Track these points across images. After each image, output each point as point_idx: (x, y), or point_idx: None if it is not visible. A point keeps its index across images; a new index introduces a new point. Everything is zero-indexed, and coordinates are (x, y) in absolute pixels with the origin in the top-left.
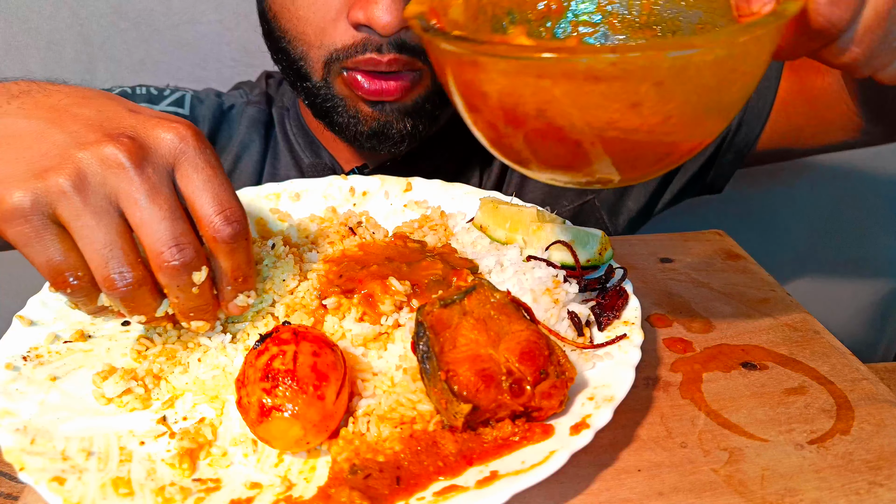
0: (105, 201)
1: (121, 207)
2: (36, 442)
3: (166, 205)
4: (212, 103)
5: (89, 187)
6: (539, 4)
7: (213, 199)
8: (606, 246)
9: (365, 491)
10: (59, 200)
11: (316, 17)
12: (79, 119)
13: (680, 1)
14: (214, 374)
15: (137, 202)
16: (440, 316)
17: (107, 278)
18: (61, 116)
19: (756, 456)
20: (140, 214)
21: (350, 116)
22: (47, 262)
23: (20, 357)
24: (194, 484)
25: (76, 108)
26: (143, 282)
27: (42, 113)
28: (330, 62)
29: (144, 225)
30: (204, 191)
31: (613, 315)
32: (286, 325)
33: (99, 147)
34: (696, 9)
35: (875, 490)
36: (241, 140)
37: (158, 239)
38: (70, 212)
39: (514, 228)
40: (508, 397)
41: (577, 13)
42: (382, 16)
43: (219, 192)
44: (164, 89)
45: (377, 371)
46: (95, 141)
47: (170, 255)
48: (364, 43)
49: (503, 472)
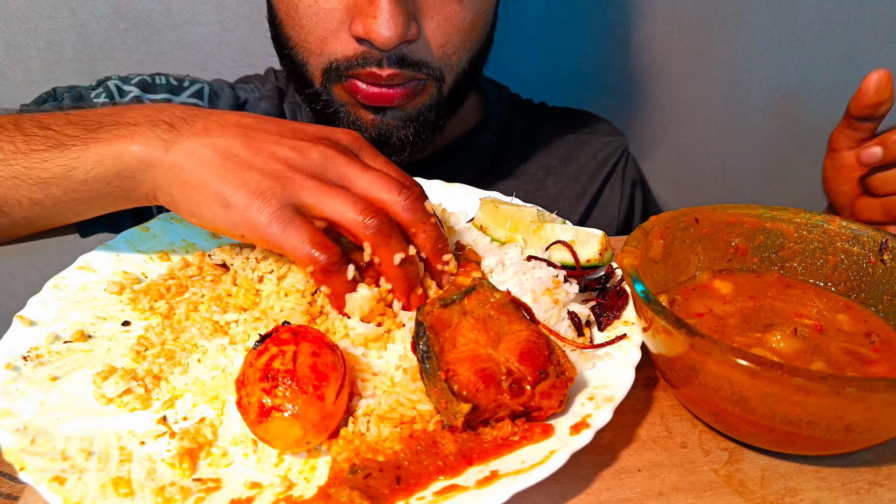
0: (332, 183)
1: (345, 184)
2: (36, 442)
3: (378, 171)
4: (228, 96)
5: (318, 176)
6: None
7: (395, 171)
8: (607, 246)
9: (365, 490)
10: (302, 191)
11: (318, 27)
12: (270, 132)
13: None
14: (214, 374)
15: (357, 175)
16: (440, 316)
17: (359, 222)
18: (255, 131)
19: (756, 456)
20: (364, 180)
21: (350, 122)
22: (301, 242)
23: (20, 357)
24: (194, 484)
25: (261, 125)
26: (390, 222)
27: (236, 132)
28: (329, 71)
29: (372, 185)
30: (388, 168)
31: (613, 315)
32: (286, 325)
33: (312, 149)
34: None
35: (875, 490)
36: None
37: (390, 188)
38: (312, 194)
39: (515, 228)
40: (508, 397)
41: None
42: (382, 31)
43: (397, 169)
44: (182, 80)
45: (377, 371)
46: (306, 146)
47: (404, 196)
48: (364, 56)
49: (503, 471)
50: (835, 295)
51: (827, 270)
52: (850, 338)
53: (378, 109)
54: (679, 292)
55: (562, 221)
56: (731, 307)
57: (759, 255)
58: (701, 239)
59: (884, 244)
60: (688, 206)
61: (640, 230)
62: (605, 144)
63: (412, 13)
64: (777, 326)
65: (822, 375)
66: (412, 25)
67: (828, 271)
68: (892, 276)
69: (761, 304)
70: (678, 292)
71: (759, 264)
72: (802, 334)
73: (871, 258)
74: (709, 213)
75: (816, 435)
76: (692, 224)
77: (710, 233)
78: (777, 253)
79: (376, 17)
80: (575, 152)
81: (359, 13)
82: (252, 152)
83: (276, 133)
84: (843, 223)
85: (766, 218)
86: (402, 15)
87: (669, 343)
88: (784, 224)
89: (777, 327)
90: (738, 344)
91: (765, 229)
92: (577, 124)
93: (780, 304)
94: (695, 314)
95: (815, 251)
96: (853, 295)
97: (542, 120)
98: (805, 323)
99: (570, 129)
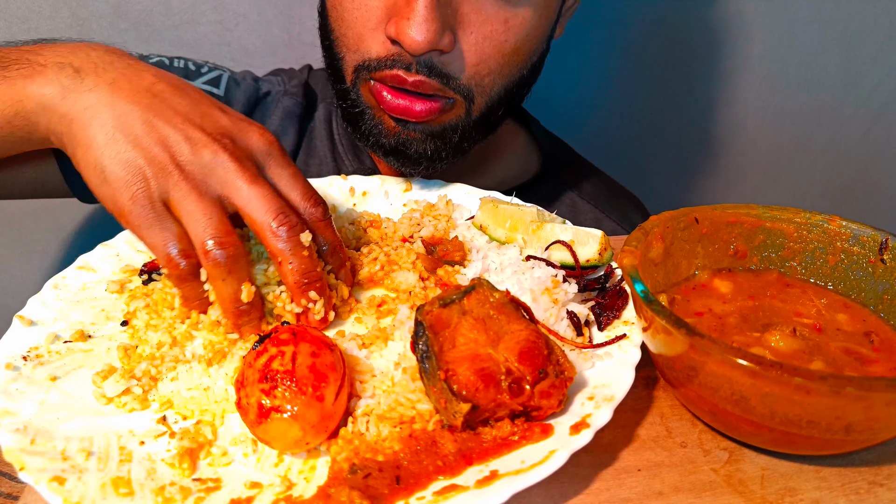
0: (209, 189)
1: (225, 194)
2: (36, 442)
3: (266, 189)
4: (248, 87)
5: (198, 178)
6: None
7: (301, 189)
8: (606, 246)
9: (365, 490)
10: (172, 188)
11: (357, 23)
12: (179, 112)
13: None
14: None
15: (240, 188)
16: (439, 315)
17: (202, 244)
18: (162, 106)
19: (756, 456)
20: (244, 196)
21: (374, 125)
22: (163, 242)
23: (20, 357)
24: (194, 484)
25: (173, 98)
26: (238, 253)
27: (142, 98)
28: (359, 69)
29: (250, 202)
30: (292, 183)
31: (613, 315)
32: (285, 326)
33: (207, 146)
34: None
35: (875, 490)
36: (274, 130)
37: (266, 211)
38: (180, 195)
39: (514, 228)
40: (507, 397)
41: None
42: (414, 34)
43: (304, 184)
44: (202, 66)
45: (376, 371)
46: (202, 141)
47: (279, 221)
48: (395, 57)
49: (503, 471)
50: (834, 294)
51: (827, 270)
52: (850, 337)
53: (402, 120)
54: (679, 292)
55: (561, 221)
56: (730, 307)
57: (759, 255)
58: (701, 239)
59: (884, 244)
60: (688, 206)
61: (640, 230)
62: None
63: (450, 23)
64: (776, 326)
65: (821, 375)
66: (446, 35)
67: (828, 271)
68: (892, 276)
69: (761, 304)
70: (678, 292)
71: (759, 264)
72: (802, 334)
73: (871, 258)
74: (709, 213)
75: (816, 435)
76: (692, 224)
77: (710, 233)
78: (777, 253)
79: (409, 18)
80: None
81: (396, 14)
82: (146, 129)
83: (182, 114)
84: (843, 223)
85: (766, 218)
86: (437, 22)
87: (669, 343)
88: (784, 224)
89: (776, 327)
90: (738, 343)
91: (765, 229)
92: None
93: (779, 303)
94: (694, 313)
95: (815, 251)
96: (853, 295)
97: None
98: (804, 322)
99: (595, 202)
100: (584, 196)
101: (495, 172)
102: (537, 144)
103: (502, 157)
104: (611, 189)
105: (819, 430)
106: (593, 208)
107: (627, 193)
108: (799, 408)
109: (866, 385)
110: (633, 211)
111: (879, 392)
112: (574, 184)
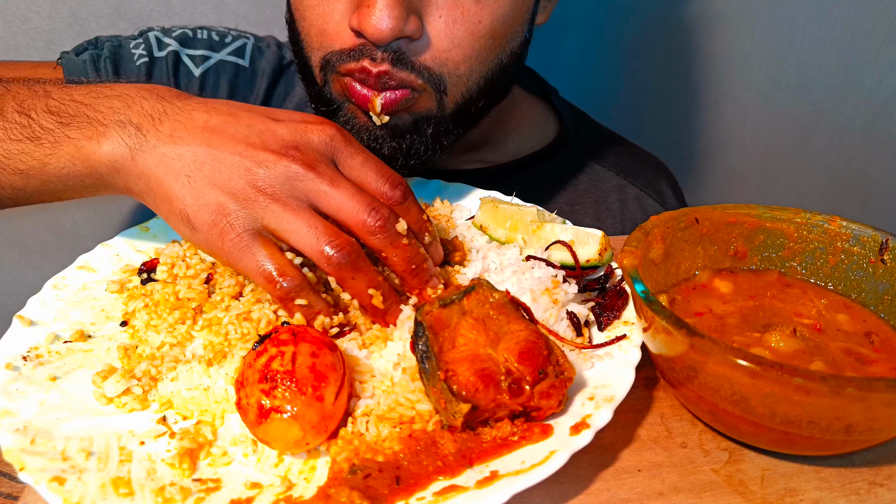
0: (298, 202)
1: (314, 204)
2: (36, 442)
3: (349, 187)
4: (272, 56)
5: (284, 195)
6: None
7: (375, 174)
8: (606, 246)
9: (365, 491)
10: (265, 214)
11: (319, 19)
12: (238, 138)
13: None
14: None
15: (326, 193)
16: (439, 315)
17: (321, 253)
18: (221, 138)
19: (756, 456)
20: (332, 200)
21: (346, 122)
22: (259, 268)
23: (20, 357)
24: (194, 484)
25: (229, 128)
26: (356, 249)
27: (202, 138)
28: (325, 65)
29: (341, 206)
30: (365, 170)
31: (613, 315)
32: (285, 326)
33: (277, 164)
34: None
35: (875, 490)
36: (297, 101)
37: (358, 211)
38: (276, 218)
39: (514, 228)
40: (507, 397)
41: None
42: (375, 21)
43: (377, 167)
44: (225, 35)
45: (376, 371)
46: (271, 160)
47: (373, 219)
48: (360, 48)
49: (503, 472)
50: (835, 295)
51: (827, 270)
52: (850, 338)
53: (370, 114)
54: (679, 292)
55: (561, 221)
56: (730, 307)
57: (760, 255)
58: (701, 239)
59: (884, 244)
60: (687, 207)
61: (640, 230)
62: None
63: (414, 7)
64: (776, 326)
65: (821, 375)
66: (412, 21)
67: (828, 271)
68: (892, 276)
69: (761, 304)
70: (678, 292)
71: (760, 264)
72: (802, 334)
73: (871, 258)
74: (709, 213)
75: (816, 435)
76: (692, 224)
77: (710, 233)
78: (777, 253)
79: (370, 6)
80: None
81: (358, 5)
82: (216, 166)
83: (242, 141)
84: (843, 223)
85: (766, 218)
86: (399, 7)
87: (669, 343)
88: (784, 224)
89: (776, 327)
90: (738, 344)
91: (765, 229)
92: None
93: (779, 303)
94: (694, 314)
95: (815, 251)
96: (853, 295)
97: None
98: (804, 323)
99: (622, 173)
100: (605, 164)
101: (507, 146)
102: (556, 115)
103: (517, 129)
104: (635, 157)
105: (819, 430)
106: (615, 175)
107: (654, 160)
108: (799, 408)
109: (866, 385)
110: (658, 178)
111: (880, 392)
112: (596, 153)
